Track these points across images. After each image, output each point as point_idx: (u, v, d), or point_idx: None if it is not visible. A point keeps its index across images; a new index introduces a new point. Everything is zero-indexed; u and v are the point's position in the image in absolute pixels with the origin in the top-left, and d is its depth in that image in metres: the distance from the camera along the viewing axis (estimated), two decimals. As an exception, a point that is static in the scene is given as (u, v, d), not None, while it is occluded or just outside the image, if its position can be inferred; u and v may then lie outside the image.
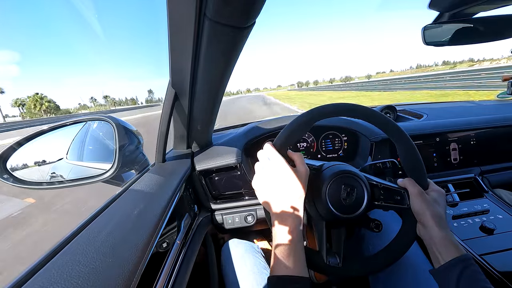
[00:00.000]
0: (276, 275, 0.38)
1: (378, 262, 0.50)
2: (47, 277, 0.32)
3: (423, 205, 0.46)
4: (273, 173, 0.44)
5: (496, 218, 0.74)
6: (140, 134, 0.78)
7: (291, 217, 0.42)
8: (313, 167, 0.54)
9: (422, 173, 0.50)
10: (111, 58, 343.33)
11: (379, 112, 0.50)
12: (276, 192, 0.43)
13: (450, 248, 0.41)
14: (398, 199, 0.51)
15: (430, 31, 0.69)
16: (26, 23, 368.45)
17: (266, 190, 0.44)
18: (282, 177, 0.43)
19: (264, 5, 0.35)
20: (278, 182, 0.43)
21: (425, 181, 0.51)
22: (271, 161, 0.45)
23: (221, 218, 0.90)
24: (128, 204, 0.53)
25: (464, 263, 0.39)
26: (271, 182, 0.44)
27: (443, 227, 0.44)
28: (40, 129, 0.65)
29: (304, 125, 0.48)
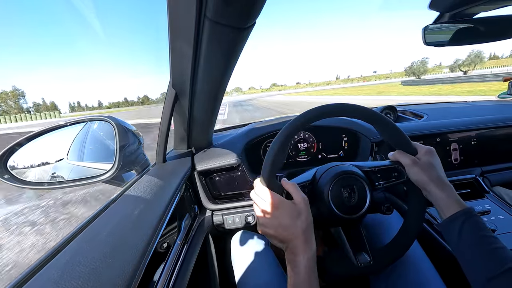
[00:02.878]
0: None
1: (402, 244, 0.51)
2: (47, 277, 0.32)
3: (419, 173, 0.47)
4: (272, 214, 0.43)
5: (497, 218, 0.74)
6: (140, 134, 0.78)
7: (301, 252, 0.41)
8: (308, 182, 0.54)
9: (406, 141, 0.52)
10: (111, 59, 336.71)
11: (352, 104, 0.50)
12: (280, 232, 0.42)
13: (453, 205, 0.44)
14: (396, 175, 0.52)
15: (430, 31, 0.69)
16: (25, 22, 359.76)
17: (270, 231, 0.43)
18: (282, 216, 0.42)
19: (265, 5, 0.35)
20: (280, 221, 0.42)
21: (412, 147, 0.52)
22: (266, 201, 0.44)
23: (222, 218, 0.90)
24: (128, 204, 0.53)
25: (466, 215, 0.42)
26: (273, 222, 0.43)
27: (444, 187, 0.46)
28: (40, 129, 0.66)
29: (285, 142, 0.47)
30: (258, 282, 0.61)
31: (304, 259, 0.40)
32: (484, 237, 0.40)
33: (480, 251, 0.39)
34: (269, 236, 0.44)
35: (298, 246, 0.41)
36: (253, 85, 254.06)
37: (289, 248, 0.42)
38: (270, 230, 0.43)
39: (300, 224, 0.42)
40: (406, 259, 0.60)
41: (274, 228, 0.43)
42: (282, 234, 0.42)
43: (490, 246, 0.39)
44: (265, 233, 0.44)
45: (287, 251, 0.42)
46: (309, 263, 0.40)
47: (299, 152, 1.00)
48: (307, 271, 0.40)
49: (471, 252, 0.40)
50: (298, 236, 0.41)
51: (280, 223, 0.42)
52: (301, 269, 0.39)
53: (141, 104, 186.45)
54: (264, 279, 0.61)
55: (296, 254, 0.40)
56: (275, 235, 0.43)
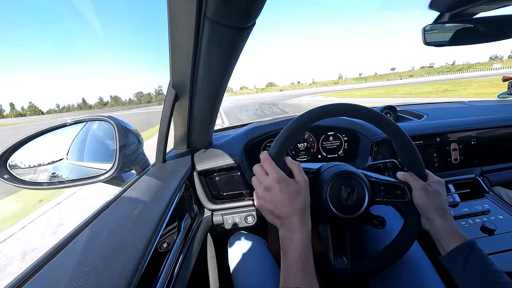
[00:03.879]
0: (287, 287, 0.38)
1: (385, 259, 0.51)
2: (47, 277, 0.32)
3: (427, 199, 0.46)
4: (273, 188, 0.43)
5: (497, 218, 0.74)
6: (140, 134, 0.78)
7: (298, 230, 0.41)
8: (311, 170, 0.54)
9: (420, 165, 0.50)
10: (111, 58, 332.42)
11: (373, 110, 0.50)
12: (279, 207, 0.42)
13: (455, 236, 0.43)
14: (399, 193, 0.51)
15: (430, 31, 0.69)
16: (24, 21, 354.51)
17: (268, 206, 0.43)
18: (283, 191, 0.42)
19: (265, 5, 0.35)
20: (280, 196, 0.42)
21: (424, 173, 0.51)
22: (269, 175, 0.44)
23: (221, 218, 0.90)
24: (128, 204, 0.53)
25: (469, 247, 0.42)
26: (272, 197, 0.43)
27: (446, 217, 0.46)
28: (40, 129, 0.66)
29: (299, 129, 0.48)
30: (255, 283, 0.61)
31: (300, 237, 0.40)
32: (490, 271, 0.40)
33: (487, 286, 0.39)
34: (266, 210, 0.44)
35: (295, 223, 0.41)
36: (246, 85, 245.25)
37: (285, 225, 0.42)
38: (269, 205, 0.43)
39: (299, 201, 0.42)
40: (406, 259, 0.60)
41: (273, 203, 0.43)
42: (280, 209, 0.42)
43: (496, 281, 0.39)
44: (262, 207, 0.44)
45: (283, 228, 0.42)
46: (305, 241, 0.40)
47: (299, 152, 1.00)
48: (303, 248, 0.40)
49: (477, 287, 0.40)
50: (295, 213, 0.42)
51: (280, 198, 0.42)
52: (297, 247, 0.40)
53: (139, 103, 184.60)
54: (262, 279, 0.61)
55: (292, 232, 0.41)
56: (272, 210, 0.43)
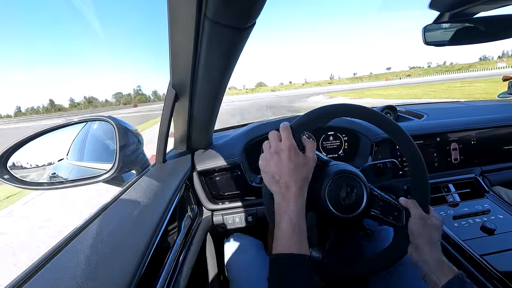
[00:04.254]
0: (280, 253, 0.39)
1: (357, 269, 0.51)
2: (48, 277, 0.32)
3: (422, 228, 0.46)
4: (282, 153, 0.44)
5: (497, 218, 0.74)
6: (140, 134, 0.78)
7: (293, 200, 0.42)
8: (322, 159, 0.55)
9: (427, 198, 0.50)
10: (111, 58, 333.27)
11: (401, 129, 0.49)
12: (282, 172, 0.43)
13: (445, 269, 0.43)
14: (396, 214, 0.51)
15: (430, 31, 0.69)
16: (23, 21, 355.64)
17: (273, 169, 0.44)
18: (291, 160, 0.43)
19: (265, 5, 0.35)
20: (286, 163, 0.43)
21: (428, 206, 0.50)
22: (282, 141, 0.45)
23: (222, 218, 0.90)
24: (128, 204, 0.53)
25: (460, 281, 0.41)
26: (279, 162, 0.44)
27: (436, 250, 0.45)
28: (40, 130, 0.66)
29: (325, 116, 0.49)
30: (250, 284, 0.61)
31: (295, 209, 0.41)
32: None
33: None
34: (268, 173, 0.45)
35: (292, 193, 0.42)
36: (234, 85, 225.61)
37: (282, 193, 0.43)
38: (273, 168, 0.44)
39: (302, 173, 0.44)
40: (406, 261, 0.60)
41: (277, 167, 0.44)
42: (282, 176, 0.43)
43: None
44: (266, 168, 0.46)
45: (279, 197, 0.43)
46: (299, 213, 0.41)
47: None
48: (296, 220, 0.41)
49: None
50: (295, 184, 0.43)
51: (286, 165, 0.43)
52: (291, 218, 0.41)
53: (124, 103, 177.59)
54: (257, 280, 0.61)
55: (288, 201, 0.42)
56: (274, 174, 0.44)
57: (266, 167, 0.46)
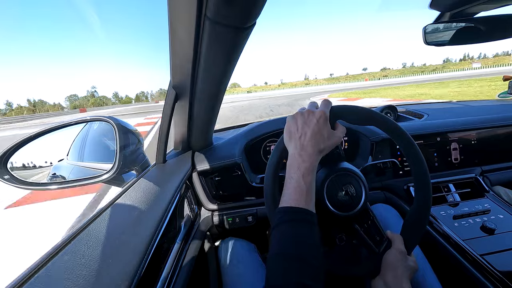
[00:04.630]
0: (287, 206, 0.40)
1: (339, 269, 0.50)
2: (48, 277, 0.32)
3: (398, 264, 0.45)
4: (313, 116, 0.46)
5: (497, 218, 0.74)
6: (140, 134, 0.78)
7: (309, 158, 0.43)
8: (340, 153, 0.56)
9: (416, 241, 0.49)
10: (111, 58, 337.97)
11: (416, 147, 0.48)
12: (305, 131, 0.45)
13: None
14: (377, 239, 0.51)
15: (430, 31, 0.69)
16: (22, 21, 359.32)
17: (299, 124, 0.46)
18: (319, 125, 0.45)
19: (265, 5, 0.35)
20: (313, 125, 0.45)
21: (412, 249, 0.49)
22: (319, 108, 0.47)
23: (222, 218, 0.90)
24: (128, 204, 0.53)
25: None
26: (308, 121, 0.46)
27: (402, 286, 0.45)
28: (40, 130, 0.66)
29: (366, 118, 0.49)
30: (245, 281, 0.62)
31: (310, 167, 0.43)
32: None
33: None
34: (293, 127, 0.47)
35: (309, 154, 0.43)
36: None
37: (299, 152, 0.44)
38: (300, 124, 0.46)
39: (322, 142, 0.45)
40: None
41: (304, 124, 0.46)
42: (304, 136, 0.45)
43: None
44: (292, 121, 0.47)
45: (296, 154, 0.44)
46: (312, 173, 0.43)
47: None
48: (309, 176, 0.42)
49: None
50: (313, 147, 0.44)
51: (312, 126, 0.45)
52: (305, 173, 0.42)
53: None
54: (250, 283, 0.61)
55: (304, 159, 0.43)
56: (298, 129, 0.46)
57: (292, 122, 0.47)
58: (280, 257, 0.36)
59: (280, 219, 0.40)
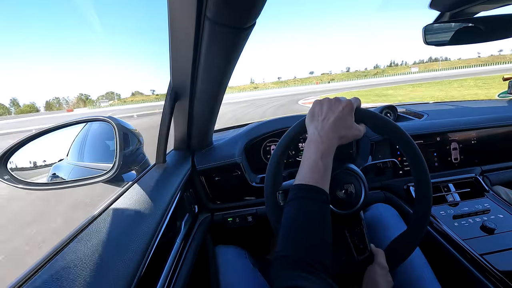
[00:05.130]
0: (303, 183, 0.41)
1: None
2: (47, 277, 0.32)
3: (380, 281, 0.46)
4: (340, 104, 0.47)
5: (497, 217, 0.74)
6: (140, 134, 0.78)
7: (328, 141, 0.44)
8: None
9: (400, 262, 0.50)
10: (110, 58, 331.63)
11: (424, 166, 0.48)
12: (329, 115, 0.46)
13: None
14: (360, 248, 0.52)
15: (430, 31, 0.69)
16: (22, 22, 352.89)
17: (322, 108, 0.48)
18: (344, 112, 0.46)
19: (265, 5, 0.35)
20: (338, 112, 0.46)
21: (396, 266, 0.50)
22: (345, 99, 0.49)
23: (222, 218, 0.90)
24: (128, 205, 0.53)
25: None
26: (333, 106, 0.47)
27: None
28: (40, 130, 0.65)
29: (383, 128, 0.50)
30: None
31: (328, 149, 0.44)
32: None
33: None
34: (317, 111, 0.48)
35: (330, 138, 0.45)
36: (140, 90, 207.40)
37: (320, 132, 0.45)
38: (325, 108, 0.48)
39: (343, 130, 0.46)
40: (405, 264, 0.60)
41: (328, 110, 0.47)
42: (327, 120, 0.46)
43: None
44: (318, 107, 0.49)
45: (316, 133, 0.45)
46: (330, 155, 0.44)
47: (299, 152, 1.00)
48: (327, 157, 0.44)
49: None
50: (334, 131, 0.45)
51: (337, 113, 0.46)
52: (324, 153, 0.43)
53: None
54: (242, 287, 0.62)
55: (323, 140, 0.44)
56: (323, 114, 0.47)
57: (318, 106, 0.49)
58: (292, 231, 0.37)
59: (295, 195, 0.40)
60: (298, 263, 0.33)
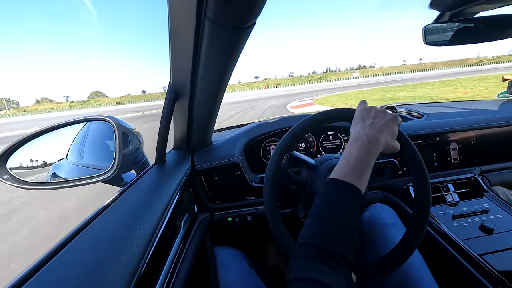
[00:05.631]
0: (341, 179, 0.40)
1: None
2: (47, 277, 0.32)
3: None
4: (387, 115, 0.49)
5: (496, 217, 0.74)
6: (140, 134, 0.78)
7: (375, 145, 0.45)
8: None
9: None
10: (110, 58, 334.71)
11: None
12: (377, 122, 0.47)
13: None
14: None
15: (430, 31, 0.69)
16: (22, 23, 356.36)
17: (370, 114, 0.49)
18: (389, 123, 0.48)
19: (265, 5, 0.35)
20: (385, 120, 0.48)
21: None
22: (393, 114, 0.50)
23: (221, 218, 0.90)
24: (128, 204, 0.53)
25: None
26: (382, 116, 0.49)
27: None
28: (40, 129, 0.65)
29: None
30: None
31: (372, 152, 0.44)
32: None
33: None
34: (365, 116, 0.49)
35: (376, 142, 0.45)
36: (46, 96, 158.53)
37: (367, 133, 0.46)
38: (373, 114, 0.49)
39: (389, 140, 0.47)
40: (405, 265, 0.60)
41: (377, 118, 0.48)
42: (375, 125, 0.47)
43: None
44: (366, 111, 0.50)
45: (362, 133, 0.46)
46: (373, 157, 0.44)
47: (299, 151, 1.00)
48: (370, 158, 0.44)
49: None
50: (380, 136, 0.46)
51: (384, 122, 0.48)
52: (367, 150, 0.44)
53: None
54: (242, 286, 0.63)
55: (369, 142, 0.45)
56: (371, 119, 0.48)
57: (366, 111, 0.50)
58: (321, 220, 0.37)
59: (332, 189, 0.40)
60: (321, 253, 0.32)
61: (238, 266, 0.69)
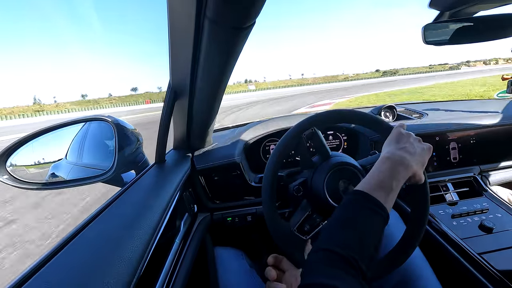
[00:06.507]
0: (366, 192, 0.40)
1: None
2: (47, 277, 0.32)
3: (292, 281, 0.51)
4: (423, 144, 0.49)
5: (495, 216, 0.74)
6: (140, 134, 0.77)
7: (407, 168, 0.44)
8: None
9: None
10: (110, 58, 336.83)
11: None
12: (415, 149, 0.47)
13: None
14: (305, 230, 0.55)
15: (430, 30, 0.69)
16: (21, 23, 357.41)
17: (407, 140, 0.49)
18: (424, 152, 0.48)
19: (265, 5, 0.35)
20: (421, 149, 0.48)
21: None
22: (429, 145, 0.50)
23: (221, 217, 0.90)
24: (128, 204, 0.53)
25: None
26: (416, 143, 0.49)
27: None
28: (40, 129, 0.65)
29: None
30: None
31: (402, 175, 0.44)
32: None
33: None
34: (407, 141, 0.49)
35: (409, 167, 0.45)
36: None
37: (402, 154, 0.46)
38: (415, 146, 0.48)
39: (418, 169, 0.47)
40: (405, 265, 0.60)
41: (419, 148, 0.48)
42: (413, 154, 0.46)
43: None
44: (404, 137, 0.50)
45: (397, 155, 0.46)
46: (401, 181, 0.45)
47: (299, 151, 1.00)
48: (400, 179, 0.44)
49: None
50: (414, 166, 0.46)
51: (422, 156, 0.48)
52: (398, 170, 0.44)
53: None
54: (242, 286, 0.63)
55: (402, 163, 0.45)
56: (411, 148, 0.48)
57: (404, 135, 0.49)
58: (344, 227, 0.36)
59: (359, 201, 0.39)
60: (338, 260, 0.32)
61: (238, 266, 0.69)
